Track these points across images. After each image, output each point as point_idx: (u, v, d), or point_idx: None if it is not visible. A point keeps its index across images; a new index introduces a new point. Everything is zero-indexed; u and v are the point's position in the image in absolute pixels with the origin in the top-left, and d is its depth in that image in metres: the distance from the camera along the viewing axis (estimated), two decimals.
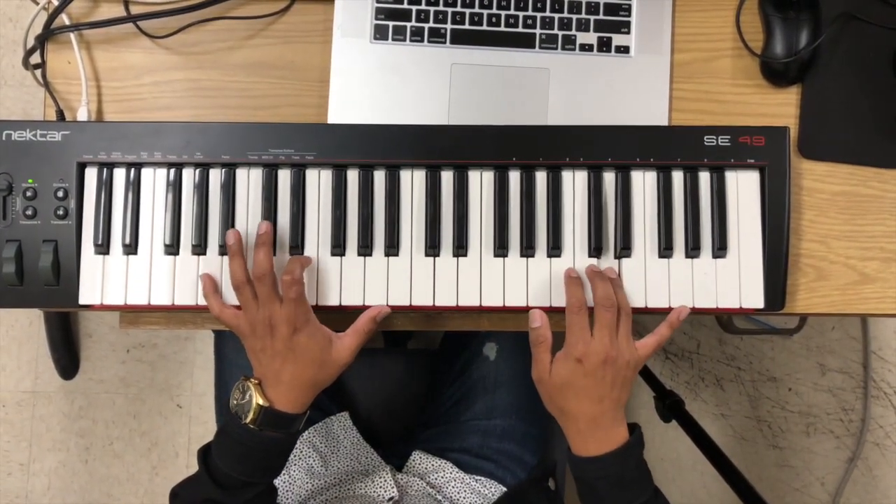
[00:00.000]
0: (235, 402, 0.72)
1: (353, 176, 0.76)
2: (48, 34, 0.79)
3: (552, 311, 0.75)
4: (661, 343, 0.74)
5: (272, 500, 0.78)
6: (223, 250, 0.75)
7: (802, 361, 1.69)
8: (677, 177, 0.77)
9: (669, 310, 0.77)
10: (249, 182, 0.76)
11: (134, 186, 0.75)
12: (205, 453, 0.73)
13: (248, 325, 0.71)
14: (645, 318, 1.78)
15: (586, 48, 0.82)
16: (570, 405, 0.71)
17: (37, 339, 1.63)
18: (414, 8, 0.81)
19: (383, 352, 1.20)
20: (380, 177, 0.76)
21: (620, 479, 0.71)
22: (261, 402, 0.70)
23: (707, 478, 1.65)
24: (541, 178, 0.77)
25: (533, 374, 0.74)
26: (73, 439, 1.63)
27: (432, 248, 0.76)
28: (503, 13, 0.81)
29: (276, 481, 0.88)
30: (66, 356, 1.58)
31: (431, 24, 0.81)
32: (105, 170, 0.75)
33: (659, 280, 0.77)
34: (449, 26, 0.81)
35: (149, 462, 1.63)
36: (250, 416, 0.70)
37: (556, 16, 0.81)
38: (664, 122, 0.82)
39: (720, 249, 0.77)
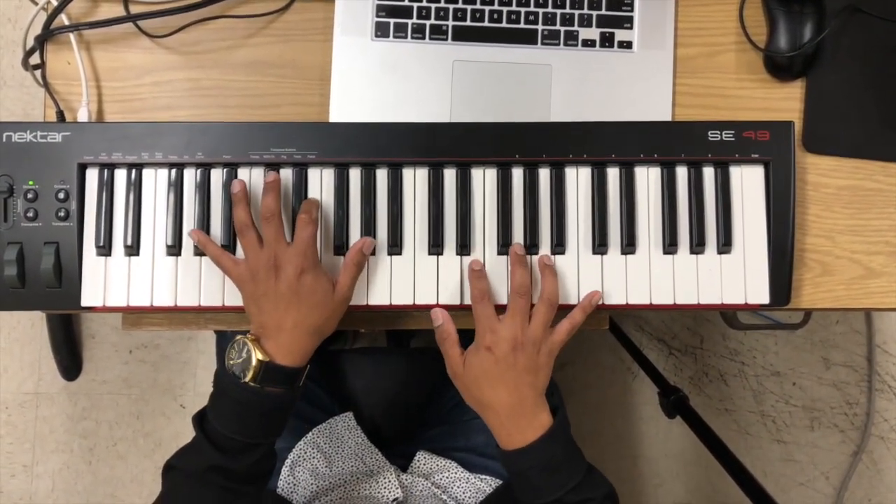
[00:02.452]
0: (232, 361, 0.69)
1: (355, 174, 0.76)
2: (48, 34, 0.79)
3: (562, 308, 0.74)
4: (575, 327, 0.73)
5: (274, 463, 0.75)
6: (226, 249, 0.74)
7: (806, 356, 1.69)
8: (681, 172, 0.77)
9: (674, 306, 0.76)
10: (251, 182, 0.75)
11: (135, 187, 0.75)
12: (201, 419, 0.71)
13: (248, 271, 0.70)
14: (649, 314, 1.77)
15: (589, 44, 0.81)
16: (487, 395, 0.71)
17: (39, 340, 1.63)
18: (415, 5, 0.80)
19: (386, 351, 1.20)
20: (382, 175, 0.76)
21: (550, 464, 0.70)
22: (260, 357, 0.68)
23: (712, 473, 1.65)
24: (544, 175, 0.76)
25: (447, 371, 0.74)
26: (76, 441, 1.63)
27: (435, 247, 0.75)
28: (505, 9, 0.81)
29: (280, 482, 0.88)
30: (69, 357, 1.58)
31: (433, 21, 0.80)
32: (106, 171, 0.75)
33: (664, 276, 0.76)
34: (450, 23, 0.80)
35: (153, 463, 1.63)
36: (250, 373, 0.68)
37: (559, 11, 0.81)
38: (667, 118, 0.82)
39: (725, 245, 0.76)
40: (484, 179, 0.76)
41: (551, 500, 0.70)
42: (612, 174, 0.77)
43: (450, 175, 0.76)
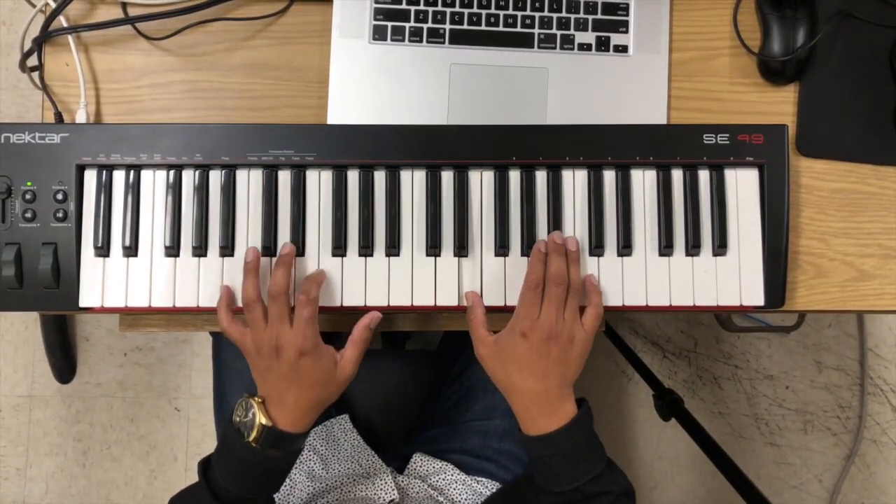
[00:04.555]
0: (238, 418, 0.72)
1: (353, 176, 0.76)
2: (46, 36, 0.79)
3: None
4: (599, 313, 0.74)
5: None
6: (224, 252, 0.75)
7: (799, 359, 1.70)
8: (677, 175, 0.77)
9: (670, 308, 0.77)
10: (249, 183, 0.75)
11: (133, 188, 0.75)
12: (205, 466, 0.73)
13: (253, 345, 0.71)
14: (643, 318, 1.78)
15: (585, 47, 0.82)
16: (515, 380, 0.72)
17: (33, 342, 1.62)
18: (412, 8, 0.81)
19: (382, 353, 1.20)
20: (380, 177, 0.76)
21: (572, 454, 0.71)
22: (264, 421, 0.70)
23: (706, 475, 1.66)
24: (541, 177, 0.77)
25: (475, 352, 0.74)
26: (70, 443, 1.62)
27: (433, 248, 0.76)
28: (502, 13, 0.81)
29: None
30: (63, 360, 1.58)
31: (430, 25, 0.81)
32: (104, 172, 0.75)
33: (659, 278, 0.77)
34: (447, 26, 0.81)
35: (147, 465, 1.63)
36: (253, 434, 0.70)
37: (555, 15, 0.82)
38: (663, 121, 0.82)
39: (720, 247, 0.77)
40: (481, 182, 0.77)
41: (570, 488, 0.71)
42: (609, 176, 0.77)
43: (447, 177, 0.77)
